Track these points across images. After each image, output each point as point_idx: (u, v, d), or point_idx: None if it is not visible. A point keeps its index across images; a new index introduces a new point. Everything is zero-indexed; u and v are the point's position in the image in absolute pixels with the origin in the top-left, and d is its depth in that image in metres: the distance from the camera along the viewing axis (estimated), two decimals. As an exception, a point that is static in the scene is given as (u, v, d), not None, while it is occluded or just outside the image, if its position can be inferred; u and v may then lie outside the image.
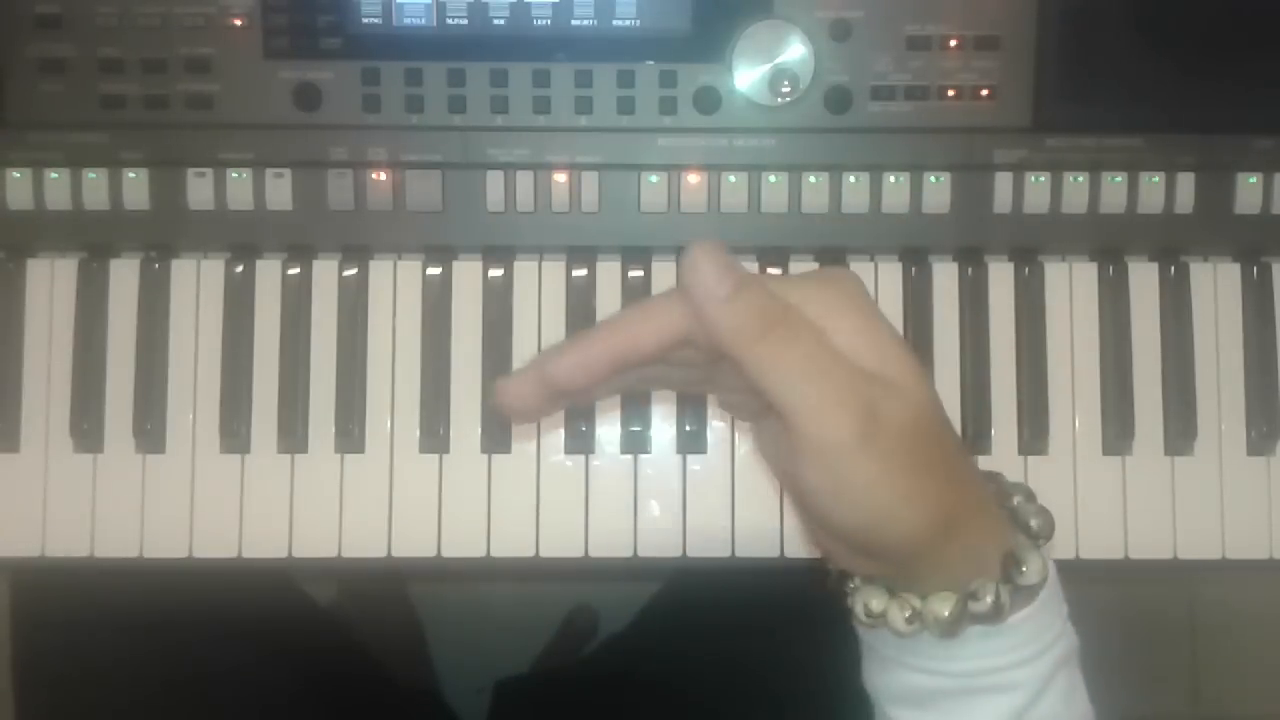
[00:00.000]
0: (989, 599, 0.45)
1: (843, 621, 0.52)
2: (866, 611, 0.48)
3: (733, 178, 0.69)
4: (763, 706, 0.80)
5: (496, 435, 0.69)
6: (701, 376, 0.46)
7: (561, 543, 0.69)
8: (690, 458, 0.70)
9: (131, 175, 0.68)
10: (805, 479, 0.43)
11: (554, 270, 0.71)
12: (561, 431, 0.70)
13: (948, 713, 0.48)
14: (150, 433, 0.69)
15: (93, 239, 0.70)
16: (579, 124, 0.68)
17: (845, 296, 0.44)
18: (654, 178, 0.69)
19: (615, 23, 0.68)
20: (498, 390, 0.44)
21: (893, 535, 0.44)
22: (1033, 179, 0.69)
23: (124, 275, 0.70)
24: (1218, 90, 0.69)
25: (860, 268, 0.71)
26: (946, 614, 0.45)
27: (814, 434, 0.41)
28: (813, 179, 0.69)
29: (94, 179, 0.68)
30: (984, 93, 0.68)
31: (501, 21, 0.67)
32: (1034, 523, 0.48)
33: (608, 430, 0.70)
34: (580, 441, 0.69)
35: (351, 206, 0.69)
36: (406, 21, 0.67)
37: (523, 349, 0.70)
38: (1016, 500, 0.50)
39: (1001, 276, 0.71)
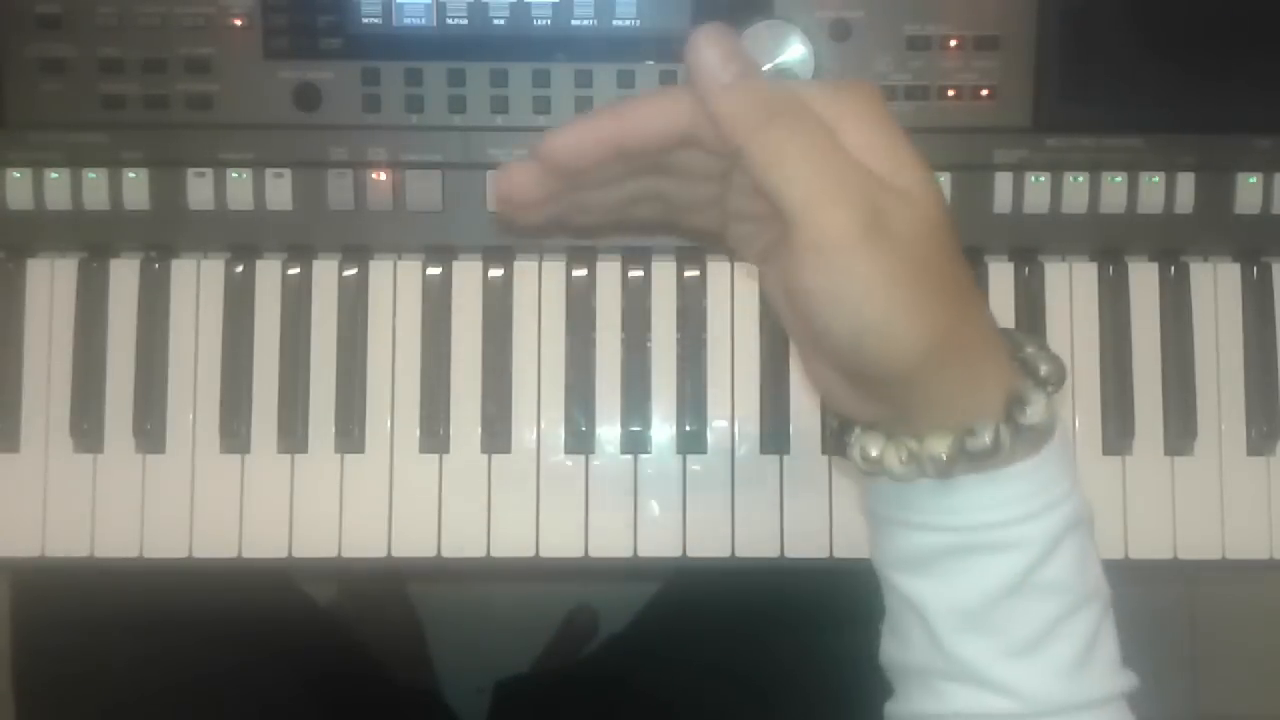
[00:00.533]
0: (987, 436, 0.43)
1: (841, 622, 0.51)
2: (864, 456, 0.45)
3: (733, 178, 0.69)
4: (763, 707, 0.79)
5: (496, 435, 0.69)
6: (711, 194, 0.45)
7: (561, 543, 0.69)
8: (690, 458, 0.70)
9: (131, 175, 0.68)
10: (803, 282, 0.41)
11: (554, 270, 0.71)
12: (561, 431, 0.70)
13: (949, 573, 0.45)
14: (150, 433, 0.69)
15: (93, 239, 0.70)
16: (579, 124, 0.68)
17: (861, 100, 0.42)
18: (654, 178, 0.69)
19: (615, 23, 0.68)
20: (497, 179, 0.42)
21: (889, 349, 0.41)
22: (1033, 179, 0.69)
23: (124, 275, 0.70)
24: (1218, 90, 0.69)
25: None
26: (943, 451, 0.43)
27: (814, 227, 0.39)
28: (813, 179, 0.69)
29: (94, 179, 0.68)
30: (984, 93, 0.68)
31: (501, 21, 0.67)
32: (1044, 369, 0.46)
33: (608, 430, 0.70)
34: (580, 441, 0.69)
35: (351, 206, 0.69)
36: (406, 21, 0.67)
37: (523, 349, 0.70)
38: (1029, 349, 0.47)
39: (1001, 276, 0.71)
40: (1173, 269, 0.71)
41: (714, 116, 0.40)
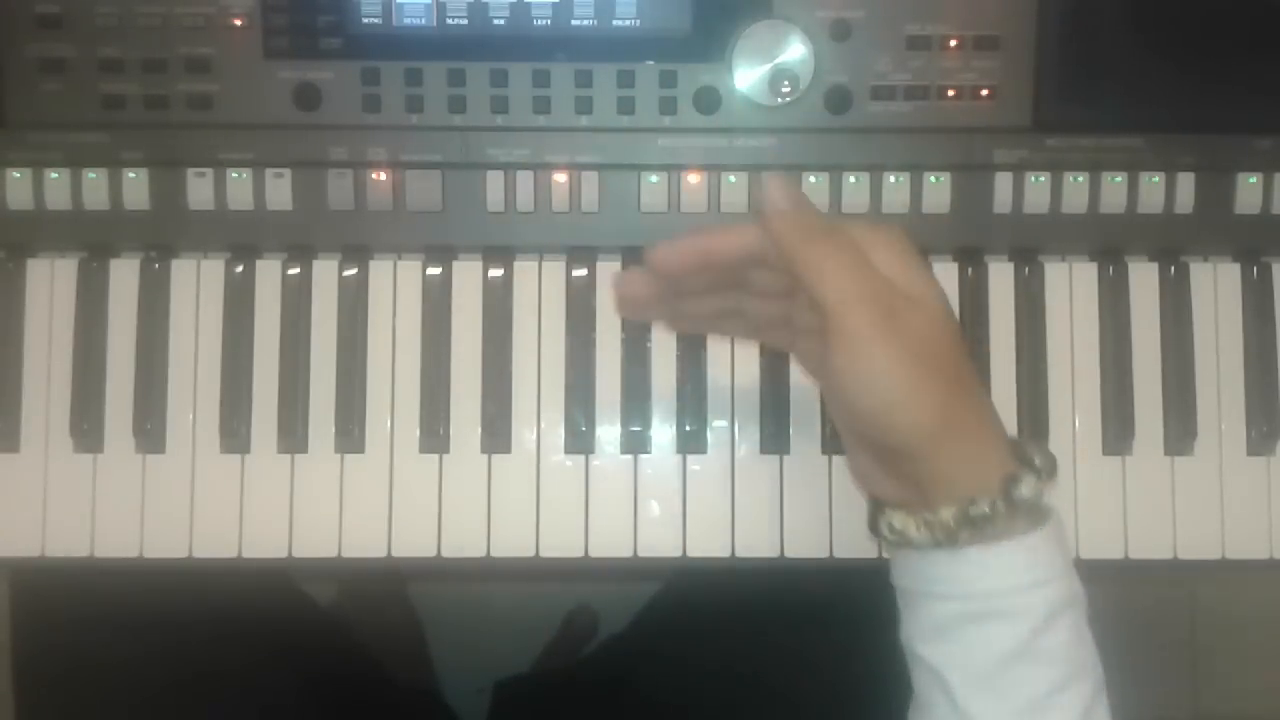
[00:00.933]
0: (986, 505, 0.51)
1: (842, 622, 0.53)
2: (890, 528, 0.54)
3: (733, 178, 0.69)
4: (763, 707, 0.79)
5: (497, 435, 0.69)
6: (780, 313, 0.57)
7: (561, 543, 0.69)
8: (690, 458, 0.70)
9: (131, 175, 0.68)
10: (835, 364, 0.51)
11: (554, 270, 0.71)
12: (561, 431, 0.70)
13: (965, 639, 0.52)
14: (150, 433, 0.69)
15: (93, 239, 0.70)
16: (579, 124, 0.68)
17: (887, 233, 0.53)
18: (654, 178, 0.69)
19: (615, 23, 0.68)
20: (616, 283, 0.57)
21: (900, 422, 0.51)
22: (1033, 179, 0.69)
23: (124, 275, 0.70)
24: (1218, 90, 0.69)
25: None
26: (950, 518, 0.51)
27: (844, 320, 0.50)
28: (813, 179, 0.69)
29: (94, 179, 0.68)
30: (984, 93, 0.68)
31: (501, 21, 0.67)
32: (1038, 459, 0.54)
33: (608, 430, 0.70)
34: (580, 441, 0.69)
35: (351, 206, 0.69)
36: (406, 21, 0.67)
37: (523, 349, 0.70)
38: (1026, 445, 0.56)
39: (1001, 276, 0.71)
40: (1173, 269, 0.71)
41: (772, 234, 0.53)
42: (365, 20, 0.67)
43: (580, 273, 0.70)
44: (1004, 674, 0.52)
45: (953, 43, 0.68)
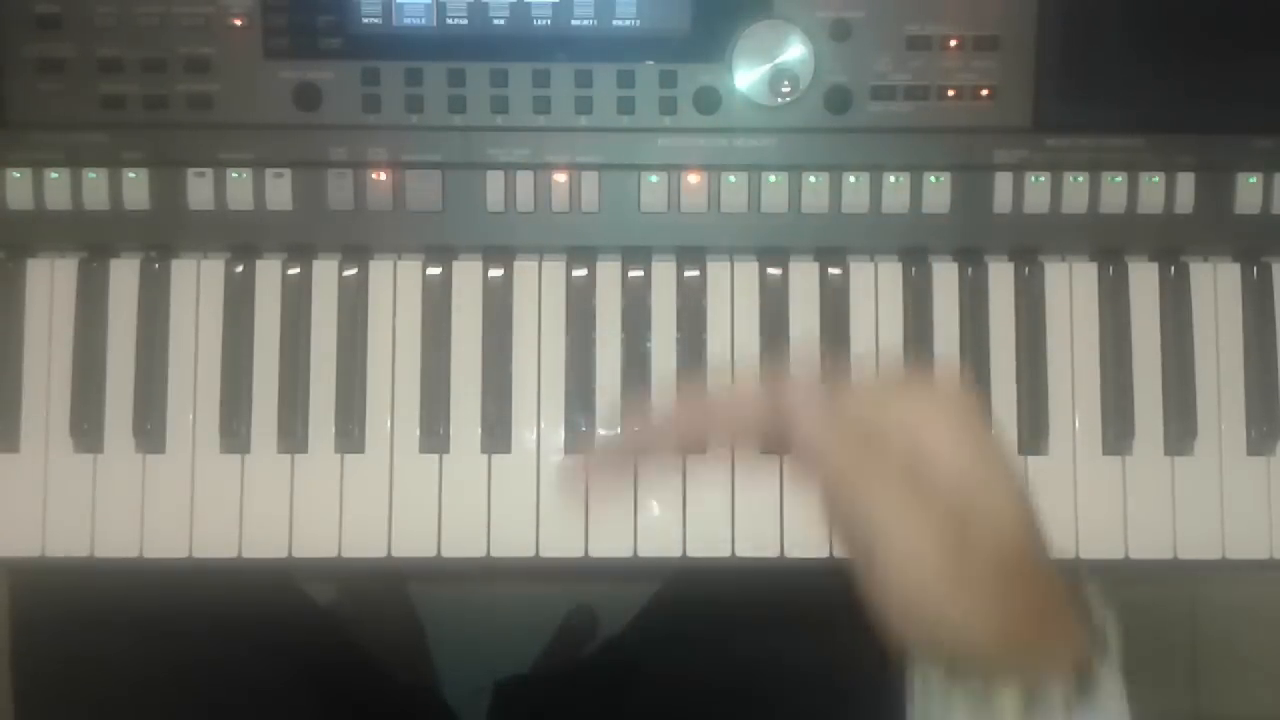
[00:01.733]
0: (1057, 697, 0.44)
1: (841, 623, 0.51)
2: (936, 690, 0.46)
3: (733, 178, 0.69)
4: (762, 706, 0.79)
5: (497, 435, 0.69)
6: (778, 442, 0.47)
7: (561, 543, 0.69)
8: (690, 458, 0.70)
9: (131, 175, 0.68)
10: (886, 588, 0.43)
11: (554, 270, 0.71)
12: (561, 431, 0.70)
13: None
14: (150, 433, 0.69)
15: (93, 239, 0.70)
16: (579, 124, 0.68)
17: (944, 409, 0.44)
18: (654, 178, 0.69)
19: (615, 23, 0.68)
20: (588, 470, 0.50)
21: (968, 640, 0.43)
22: (1033, 179, 0.69)
23: (124, 275, 0.70)
24: (1218, 90, 0.69)
25: (860, 268, 0.70)
26: (1012, 705, 0.44)
27: (899, 563, 0.42)
28: (813, 179, 0.69)
29: (94, 179, 0.68)
30: (984, 93, 0.68)
31: (501, 21, 0.67)
32: (1105, 630, 0.47)
33: (608, 430, 0.70)
34: (580, 441, 0.69)
35: (351, 206, 0.69)
36: (406, 21, 0.67)
37: (523, 349, 0.70)
38: (1093, 612, 0.48)
39: (1001, 276, 0.71)
40: (1173, 269, 0.71)
41: (805, 448, 0.43)
42: (365, 20, 0.67)
43: (580, 273, 0.70)
44: None
45: (953, 43, 0.68)
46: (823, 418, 0.43)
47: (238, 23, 0.67)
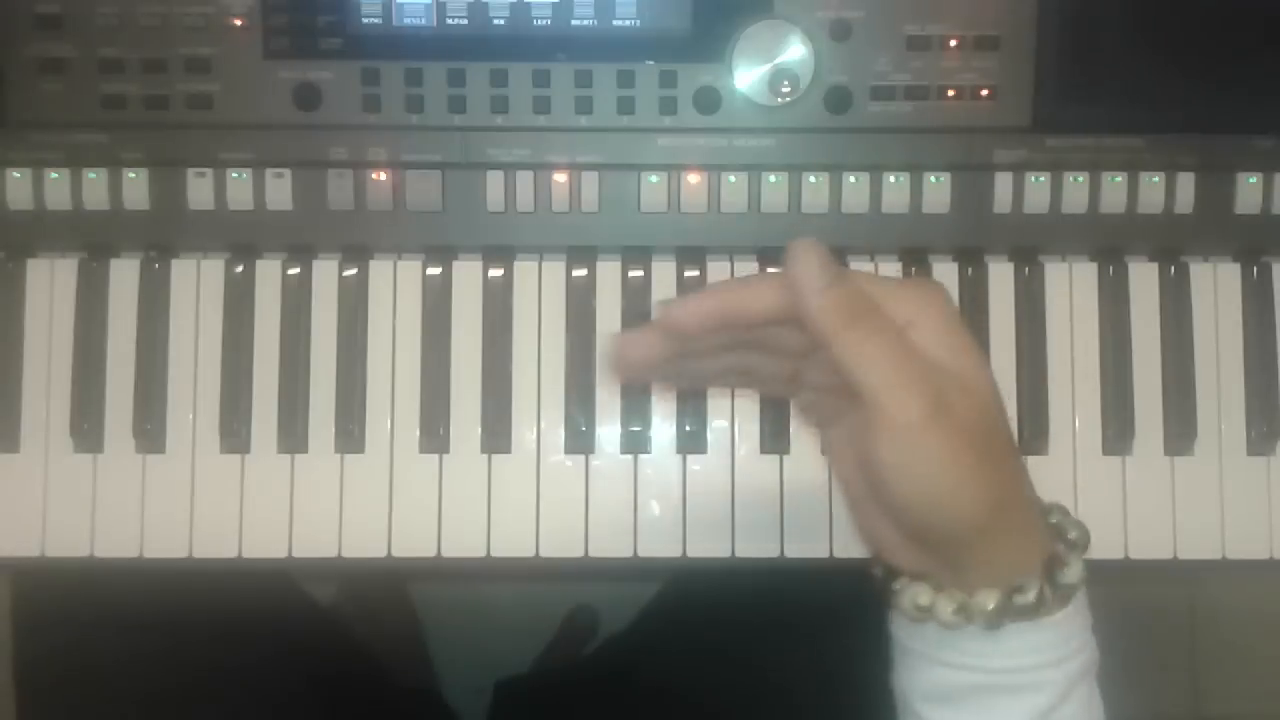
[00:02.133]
0: (1032, 594, 0.49)
1: (842, 622, 0.52)
2: (915, 606, 0.51)
3: (733, 178, 0.69)
4: (762, 706, 0.80)
5: (497, 435, 0.69)
6: (791, 370, 0.52)
7: (561, 543, 0.69)
8: (690, 458, 0.70)
9: (131, 175, 0.68)
10: (880, 456, 0.47)
11: (554, 270, 0.71)
12: (561, 431, 0.70)
13: (980, 709, 0.50)
14: (150, 433, 0.69)
15: (93, 239, 0.70)
16: (579, 124, 0.68)
17: (929, 301, 0.49)
18: (654, 178, 0.69)
19: (615, 23, 0.68)
20: (616, 343, 0.50)
21: (952, 513, 0.48)
22: (1033, 179, 0.69)
23: (124, 275, 0.70)
24: (1218, 90, 0.69)
25: (860, 267, 0.70)
26: (991, 606, 0.49)
27: (891, 411, 0.46)
28: (813, 179, 0.69)
29: (94, 179, 0.68)
30: (984, 93, 0.68)
31: (501, 21, 0.67)
32: (1073, 534, 0.52)
33: (608, 430, 0.70)
34: (580, 441, 0.69)
35: (351, 206, 0.69)
36: (406, 21, 0.67)
37: (523, 349, 0.70)
38: (1055, 517, 0.53)
39: (1001, 276, 0.71)
40: (1173, 269, 0.71)
41: (806, 315, 0.47)
42: (365, 20, 0.67)
43: (580, 273, 0.70)
44: None
45: (953, 43, 0.68)
46: (830, 285, 0.46)
47: (238, 23, 0.67)
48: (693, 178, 0.69)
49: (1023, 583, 0.49)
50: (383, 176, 0.69)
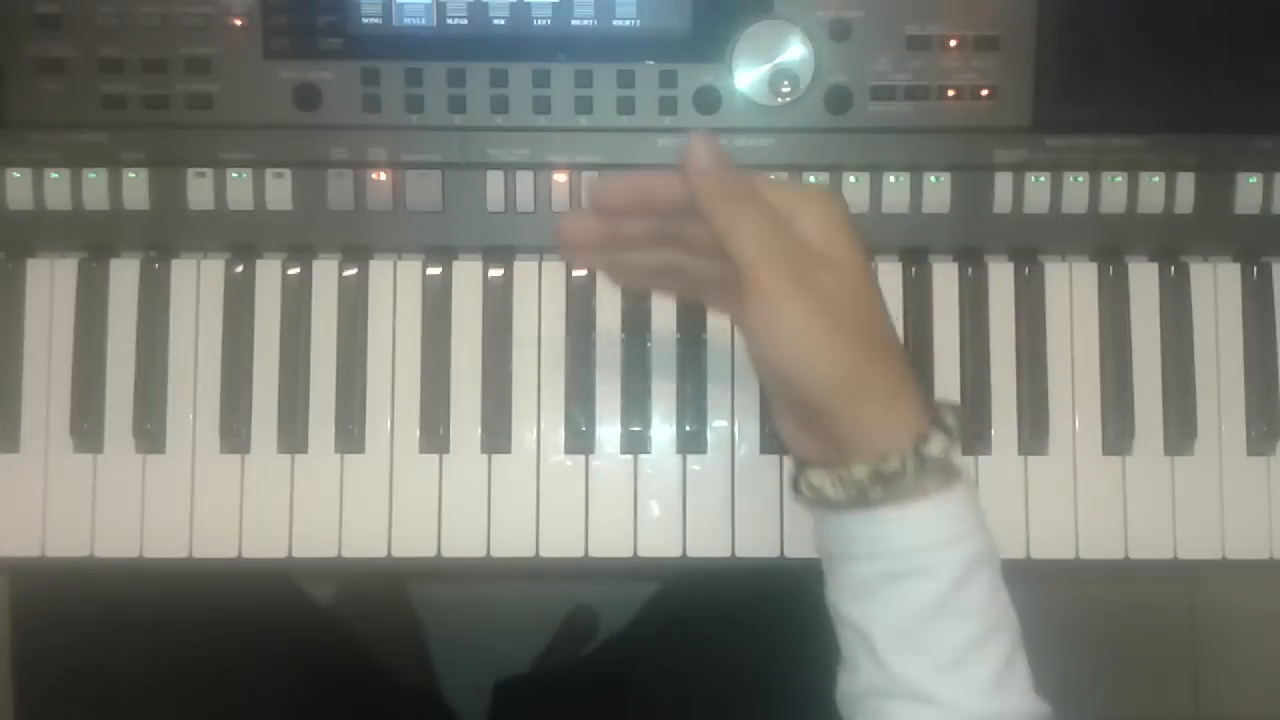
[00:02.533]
0: (896, 463, 0.52)
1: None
2: (809, 485, 0.55)
3: (733, 178, 0.69)
4: (762, 706, 0.79)
5: (497, 435, 0.69)
6: (712, 271, 0.57)
7: (561, 543, 0.69)
8: (690, 458, 0.70)
9: (131, 175, 0.68)
10: (749, 321, 0.53)
11: (554, 270, 0.71)
12: (561, 431, 0.70)
13: (886, 597, 0.54)
14: (150, 433, 0.69)
15: (93, 239, 0.70)
16: (579, 124, 0.68)
17: (815, 198, 0.54)
18: (654, 178, 0.69)
19: (615, 23, 0.68)
20: (560, 223, 0.57)
21: (811, 377, 0.52)
22: (1033, 179, 0.69)
23: (124, 275, 0.70)
24: (1218, 90, 0.69)
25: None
26: (862, 475, 0.53)
27: (757, 279, 0.51)
28: (813, 179, 0.69)
29: (94, 179, 0.68)
30: (984, 93, 0.68)
31: (501, 21, 0.67)
32: (949, 419, 0.55)
33: (608, 430, 0.70)
34: (580, 441, 0.69)
35: (351, 206, 0.69)
36: (406, 21, 0.67)
37: (523, 349, 0.70)
38: (940, 405, 0.56)
39: (1001, 276, 0.71)
40: (1173, 269, 0.71)
41: (694, 191, 0.54)
42: (365, 20, 0.67)
43: (580, 273, 0.70)
44: (925, 629, 0.53)
45: (953, 43, 0.68)
46: (716, 167, 0.54)
47: (238, 23, 0.67)
48: (693, 178, 0.69)
49: (889, 453, 0.52)
50: (383, 176, 0.69)
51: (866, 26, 0.68)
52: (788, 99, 0.68)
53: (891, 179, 0.69)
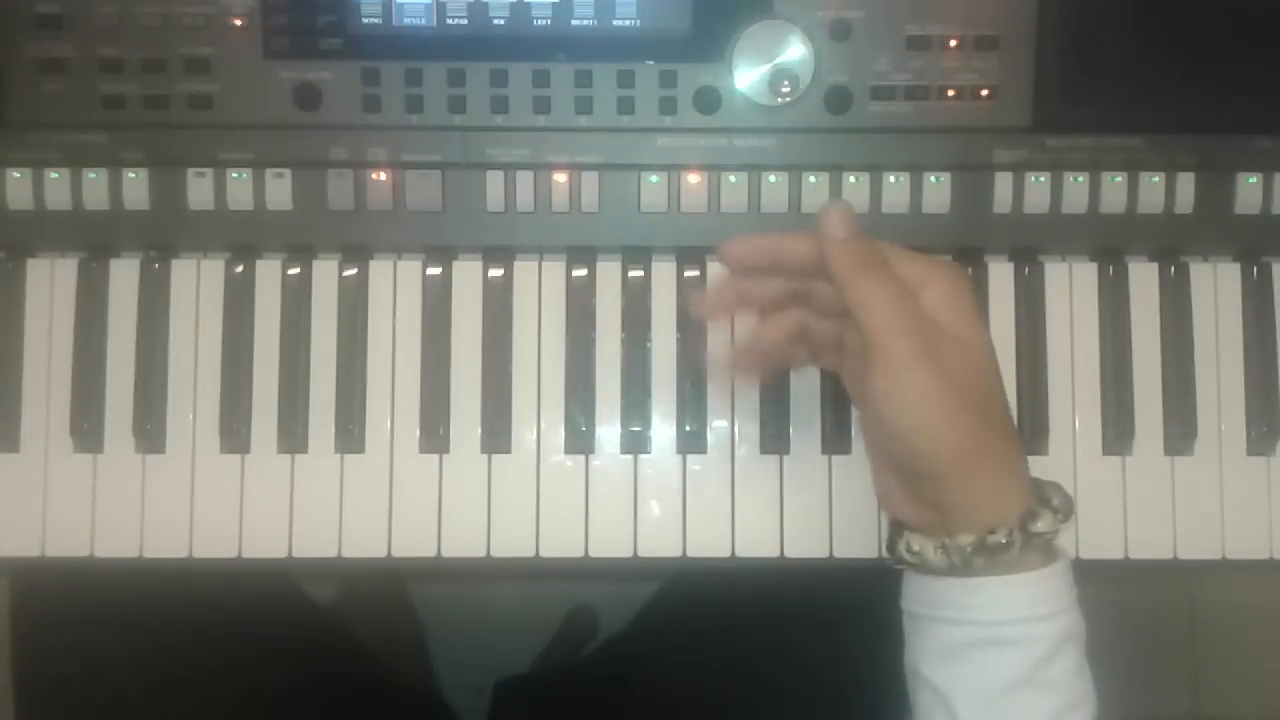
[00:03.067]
0: (1003, 535, 0.54)
1: (842, 622, 0.53)
2: (909, 550, 0.57)
3: (733, 178, 0.69)
4: (762, 707, 0.79)
5: (497, 435, 0.69)
6: (834, 332, 0.60)
7: (561, 543, 0.69)
8: (690, 458, 0.70)
9: (131, 175, 0.68)
10: (873, 385, 0.54)
11: (554, 270, 0.71)
12: (561, 431, 0.70)
13: (971, 662, 0.55)
14: (150, 433, 0.69)
15: (93, 239, 0.70)
16: (579, 124, 0.68)
17: (944, 273, 0.56)
18: (654, 178, 0.69)
19: (615, 23, 0.68)
20: (689, 298, 0.65)
21: (929, 444, 0.54)
22: (1033, 179, 0.69)
23: (124, 275, 0.70)
24: (1218, 90, 0.69)
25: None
26: (968, 543, 0.54)
27: (885, 347, 0.54)
28: (813, 179, 0.69)
29: (94, 179, 0.68)
30: (984, 93, 0.68)
31: (501, 21, 0.67)
32: (1055, 499, 0.56)
33: (608, 430, 0.70)
34: (580, 441, 0.69)
35: (351, 206, 0.69)
36: (406, 21, 0.67)
37: (523, 349, 0.70)
38: (1045, 485, 0.58)
39: (1001, 276, 0.71)
40: (1173, 269, 0.71)
41: (827, 260, 0.56)
42: (365, 20, 0.67)
43: (580, 273, 0.70)
44: (1008, 700, 0.54)
45: (953, 43, 0.68)
46: (849, 237, 0.56)
47: (238, 23, 0.67)
48: (693, 178, 0.69)
49: (997, 526, 0.54)
50: (383, 176, 0.69)
51: (866, 26, 0.68)
52: (788, 99, 0.68)
53: (891, 179, 0.69)
